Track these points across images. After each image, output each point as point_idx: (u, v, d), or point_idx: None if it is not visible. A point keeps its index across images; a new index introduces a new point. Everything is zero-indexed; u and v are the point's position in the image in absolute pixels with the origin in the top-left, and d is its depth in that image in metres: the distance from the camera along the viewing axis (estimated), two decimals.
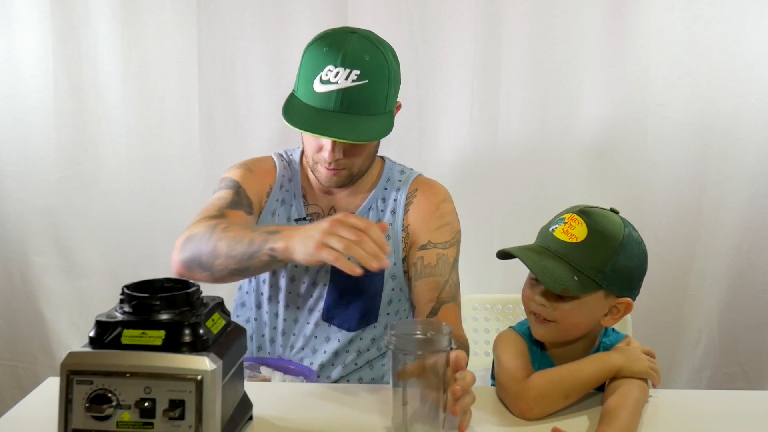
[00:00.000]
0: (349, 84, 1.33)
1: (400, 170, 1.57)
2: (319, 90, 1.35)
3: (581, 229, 1.20)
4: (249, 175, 1.52)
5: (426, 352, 1.07)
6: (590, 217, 1.21)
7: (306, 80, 1.37)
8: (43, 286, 2.21)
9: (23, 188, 2.16)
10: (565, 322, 1.22)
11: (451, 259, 1.51)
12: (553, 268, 1.19)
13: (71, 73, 2.10)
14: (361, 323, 1.51)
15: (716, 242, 2.14)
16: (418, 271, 1.50)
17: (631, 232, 1.23)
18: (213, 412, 0.96)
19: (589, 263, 1.19)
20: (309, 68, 1.37)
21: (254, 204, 1.49)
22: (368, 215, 1.51)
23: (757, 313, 2.18)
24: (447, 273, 1.50)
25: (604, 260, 1.19)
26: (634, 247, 1.23)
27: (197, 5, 2.06)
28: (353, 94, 1.34)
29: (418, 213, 1.51)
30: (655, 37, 2.04)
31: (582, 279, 1.19)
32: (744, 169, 2.10)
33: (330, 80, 1.34)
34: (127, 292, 1.01)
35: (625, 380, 1.19)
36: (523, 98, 2.09)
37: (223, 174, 1.53)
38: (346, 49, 1.34)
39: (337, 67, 1.33)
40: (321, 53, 1.36)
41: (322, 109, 1.34)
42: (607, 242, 1.20)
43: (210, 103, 2.12)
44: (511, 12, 2.04)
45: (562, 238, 1.21)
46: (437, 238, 1.50)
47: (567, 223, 1.22)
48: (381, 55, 1.38)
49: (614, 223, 1.23)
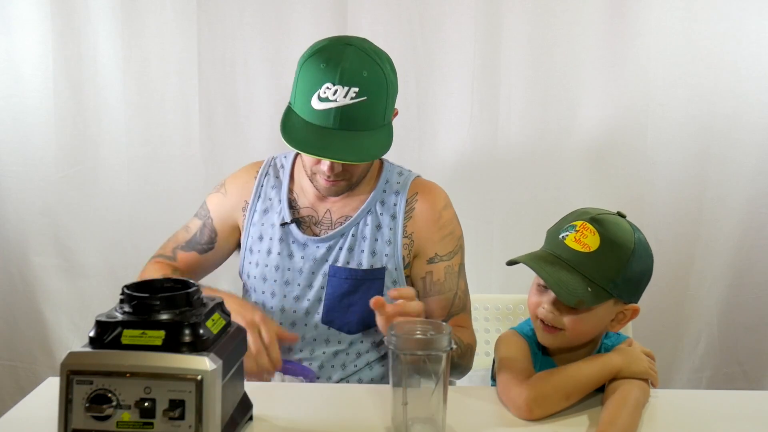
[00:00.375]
0: (347, 102, 1.32)
1: (398, 172, 1.56)
2: (318, 107, 1.33)
3: (594, 239, 1.18)
4: (222, 201, 1.58)
5: (426, 352, 1.07)
6: (603, 225, 1.19)
7: (303, 96, 1.36)
8: (43, 286, 2.21)
9: (23, 188, 2.16)
10: (574, 331, 1.22)
11: (456, 267, 1.52)
12: (567, 280, 1.17)
13: (71, 73, 2.10)
14: (361, 327, 1.51)
15: (716, 242, 2.14)
16: (427, 288, 1.52)
17: (640, 237, 1.22)
18: (213, 412, 0.96)
19: (602, 274, 1.18)
20: (306, 84, 1.35)
21: (220, 233, 1.57)
22: (366, 219, 1.50)
23: (757, 313, 2.18)
24: (455, 285, 1.52)
25: (617, 270, 1.18)
26: (644, 253, 1.22)
27: (197, 5, 2.06)
28: (352, 112, 1.33)
29: (421, 222, 1.50)
30: (655, 37, 2.03)
31: (595, 290, 1.17)
32: (744, 169, 2.10)
33: (329, 98, 1.32)
34: (127, 292, 1.01)
35: (626, 380, 1.19)
36: (523, 98, 2.09)
37: (207, 195, 1.61)
38: (343, 65, 1.33)
39: (335, 84, 1.32)
40: (318, 69, 1.34)
41: (321, 127, 1.34)
42: (619, 252, 1.18)
43: (210, 103, 2.11)
44: (511, 12, 2.04)
45: (575, 247, 1.19)
46: (443, 250, 1.51)
47: (579, 231, 1.19)
48: (379, 68, 1.36)
49: (625, 230, 1.21)
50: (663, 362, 2.19)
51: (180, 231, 1.61)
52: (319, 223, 1.52)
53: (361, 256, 1.48)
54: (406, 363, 1.07)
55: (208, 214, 1.58)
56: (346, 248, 1.49)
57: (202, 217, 1.59)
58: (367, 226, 1.49)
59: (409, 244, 1.50)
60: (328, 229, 1.51)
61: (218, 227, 1.57)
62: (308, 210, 1.53)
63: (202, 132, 2.12)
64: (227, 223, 1.57)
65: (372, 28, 2.03)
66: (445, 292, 1.51)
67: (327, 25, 2.01)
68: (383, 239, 1.49)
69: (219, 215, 1.58)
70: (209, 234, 1.57)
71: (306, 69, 1.37)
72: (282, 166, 1.58)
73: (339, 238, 1.49)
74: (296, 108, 1.38)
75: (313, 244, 1.50)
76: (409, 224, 1.50)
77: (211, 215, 1.58)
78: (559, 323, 1.21)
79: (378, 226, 1.50)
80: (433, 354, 1.07)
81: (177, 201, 2.12)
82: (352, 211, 1.51)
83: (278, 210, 1.53)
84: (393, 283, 1.50)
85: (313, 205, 1.53)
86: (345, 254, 1.49)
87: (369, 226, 1.49)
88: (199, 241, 1.58)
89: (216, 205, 1.59)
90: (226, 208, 1.57)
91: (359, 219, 1.50)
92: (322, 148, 1.33)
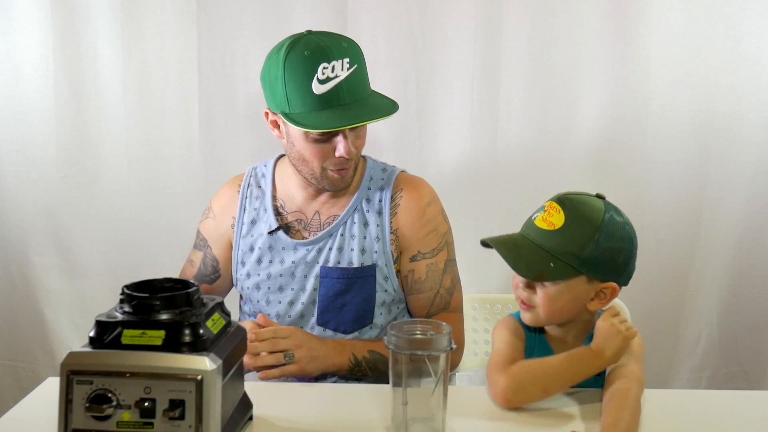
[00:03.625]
0: (347, 73, 1.37)
1: (382, 168, 1.57)
2: (321, 90, 1.35)
3: (559, 217, 1.23)
4: (212, 225, 1.60)
5: (426, 352, 1.07)
6: (568, 204, 1.24)
7: (299, 90, 1.37)
8: (43, 286, 2.21)
9: (23, 188, 2.16)
10: (545, 307, 1.25)
11: (441, 264, 1.52)
12: (529, 255, 1.23)
13: (71, 73, 2.09)
14: (356, 326, 1.51)
15: (716, 242, 2.14)
16: (409, 286, 1.54)
17: (613, 216, 1.24)
18: (213, 412, 0.96)
19: (565, 249, 1.21)
20: (298, 77, 1.37)
21: (221, 259, 1.59)
22: (354, 217, 1.51)
23: (757, 313, 2.18)
24: (437, 284, 1.52)
25: (581, 246, 1.21)
26: (616, 231, 1.23)
27: (197, 5, 2.06)
28: (353, 81, 1.38)
29: (405, 219, 1.51)
30: (655, 37, 2.03)
31: (558, 265, 1.21)
32: (744, 169, 2.10)
33: (329, 76, 1.35)
34: (127, 292, 1.01)
35: (622, 376, 1.19)
36: (523, 98, 2.08)
37: (199, 223, 1.62)
38: (325, 43, 1.38)
39: (332, 61, 1.35)
40: (304, 58, 1.36)
41: (334, 106, 1.36)
42: (584, 228, 1.22)
43: (210, 103, 2.11)
44: (511, 12, 2.04)
45: (541, 226, 1.24)
46: (425, 247, 1.51)
47: (546, 211, 1.25)
48: (348, 39, 1.43)
49: (593, 208, 1.24)
50: (663, 362, 2.20)
51: (186, 266, 1.63)
52: (309, 225, 1.52)
53: (351, 255, 1.49)
54: (406, 363, 1.07)
55: (206, 243, 1.60)
56: (336, 248, 1.49)
57: (201, 247, 1.60)
58: (354, 224, 1.50)
59: (395, 240, 1.51)
60: (317, 230, 1.51)
61: (218, 254, 1.59)
62: (296, 214, 1.53)
63: (202, 132, 2.12)
64: (224, 247, 1.58)
65: (372, 28, 2.03)
66: (425, 291, 1.53)
67: (327, 25, 2.01)
68: (371, 236, 1.50)
69: (215, 241, 1.59)
70: (212, 264, 1.59)
71: (290, 66, 1.37)
72: (263, 175, 1.58)
73: (328, 239, 1.50)
74: (295, 107, 1.38)
75: (302, 247, 1.51)
76: (394, 220, 1.51)
77: (208, 243, 1.59)
78: (531, 301, 1.26)
79: (365, 224, 1.50)
80: (433, 354, 1.07)
81: (177, 201, 2.12)
82: (339, 210, 1.52)
83: (265, 219, 1.53)
84: (384, 279, 1.51)
85: (301, 208, 1.53)
86: (335, 254, 1.49)
87: (357, 224, 1.50)
88: (205, 273, 1.59)
89: (209, 231, 1.60)
90: (219, 231, 1.59)
91: (346, 218, 1.51)
92: (352, 117, 1.37)
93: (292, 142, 1.45)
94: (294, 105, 1.38)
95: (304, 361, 1.37)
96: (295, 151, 1.45)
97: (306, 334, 1.44)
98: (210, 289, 1.59)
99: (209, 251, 1.59)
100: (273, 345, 1.36)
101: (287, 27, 2.05)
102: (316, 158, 1.43)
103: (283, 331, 1.39)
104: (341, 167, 1.44)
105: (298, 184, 1.53)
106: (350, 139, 1.41)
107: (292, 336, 1.38)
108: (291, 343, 1.37)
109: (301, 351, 1.37)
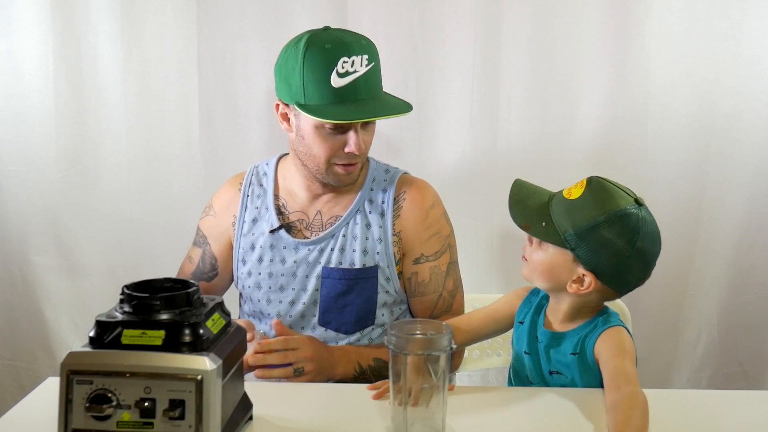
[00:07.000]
0: (365, 69, 1.39)
1: (385, 169, 1.57)
2: (340, 84, 1.37)
3: (577, 191, 1.25)
4: (213, 222, 1.60)
5: (426, 352, 1.07)
6: (595, 184, 1.25)
7: (318, 82, 1.37)
8: (44, 286, 2.21)
9: (23, 188, 2.16)
10: (531, 263, 1.29)
11: (444, 267, 1.53)
12: (531, 206, 1.28)
13: (71, 73, 2.09)
14: (358, 326, 1.51)
15: (716, 242, 2.14)
16: (412, 288, 1.54)
17: (636, 220, 1.21)
18: (213, 412, 0.96)
19: (563, 218, 1.23)
20: (317, 69, 1.37)
21: (219, 257, 1.59)
22: (356, 218, 1.51)
23: (757, 313, 2.18)
24: (440, 286, 1.53)
25: (575, 223, 1.22)
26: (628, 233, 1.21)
27: (197, 5, 2.06)
28: (370, 77, 1.40)
29: (408, 222, 1.51)
30: (656, 37, 2.03)
31: (549, 228, 1.24)
32: (744, 169, 2.10)
33: (348, 71, 1.37)
34: (127, 292, 1.01)
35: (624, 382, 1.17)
36: (523, 98, 2.08)
37: (199, 220, 1.63)
38: (347, 38, 1.40)
39: (351, 56, 1.38)
40: (325, 51, 1.37)
41: (350, 100, 1.38)
42: (591, 209, 1.22)
43: (210, 103, 2.11)
44: (511, 12, 2.04)
45: (564, 193, 1.27)
46: (429, 250, 1.52)
47: (576, 184, 1.27)
48: (366, 38, 1.45)
49: (614, 199, 1.23)
50: (663, 362, 2.20)
51: (184, 263, 1.63)
52: (310, 225, 1.52)
53: (353, 256, 1.49)
54: (406, 363, 1.07)
55: (205, 240, 1.60)
56: (338, 249, 1.49)
57: (201, 244, 1.60)
58: (357, 225, 1.50)
59: (398, 242, 1.51)
60: (319, 231, 1.51)
61: (216, 251, 1.59)
62: (298, 214, 1.53)
63: (202, 132, 2.12)
64: (224, 245, 1.59)
65: (372, 28, 2.03)
66: (429, 293, 1.53)
67: (327, 25, 2.01)
68: (374, 237, 1.50)
69: (214, 238, 1.59)
70: (210, 261, 1.59)
71: (310, 57, 1.38)
72: (265, 174, 1.58)
73: (330, 239, 1.50)
74: (311, 100, 1.39)
75: (304, 247, 1.51)
76: (397, 222, 1.51)
77: (208, 240, 1.59)
78: (526, 254, 1.31)
79: (368, 225, 1.50)
80: (433, 354, 1.07)
81: (177, 201, 2.12)
82: (341, 210, 1.52)
83: (267, 218, 1.53)
84: (386, 280, 1.51)
85: (303, 208, 1.53)
86: (337, 255, 1.49)
87: (359, 225, 1.50)
88: (203, 270, 1.59)
89: (209, 228, 1.60)
90: (219, 229, 1.59)
91: (349, 219, 1.51)
92: (369, 111, 1.40)
93: (302, 135, 1.45)
94: (310, 97, 1.38)
95: (313, 374, 1.37)
96: (304, 145, 1.45)
97: (314, 343, 1.42)
98: (208, 287, 1.59)
99: (208, 248, 1.59)
100: (283, 358, 1.35)
101: (287, 27, 2.05)
102: (324, 152, 1.43)
103: (293, 342, 1.38)
104: (349, 162, 1.44)
105: (300, 184, 1.53)
106: (361, 135, 1.41)
107: (303, 348, 1.37)
108: (301, 356, 1.36)
109: (310, 364, 1.37)
